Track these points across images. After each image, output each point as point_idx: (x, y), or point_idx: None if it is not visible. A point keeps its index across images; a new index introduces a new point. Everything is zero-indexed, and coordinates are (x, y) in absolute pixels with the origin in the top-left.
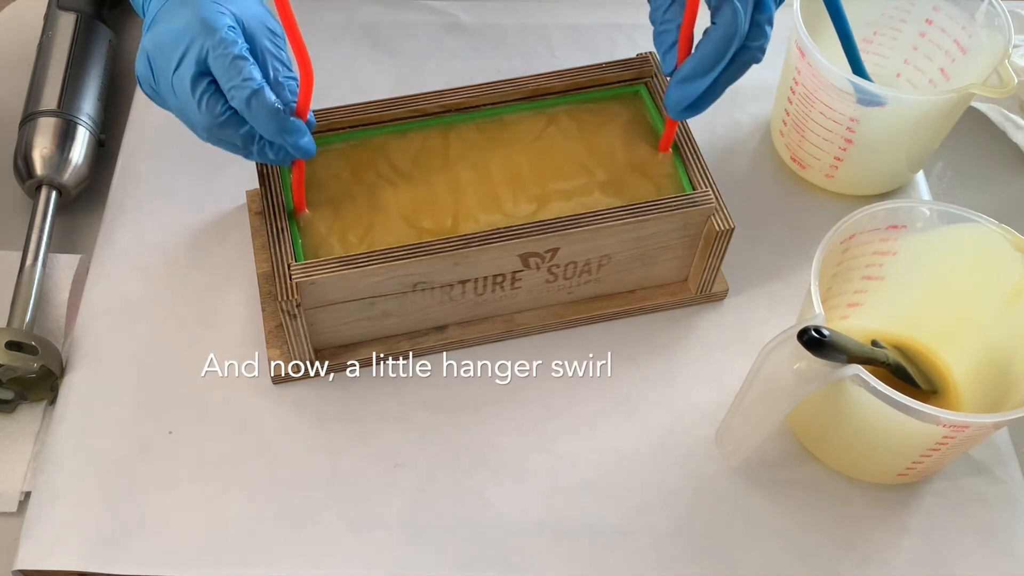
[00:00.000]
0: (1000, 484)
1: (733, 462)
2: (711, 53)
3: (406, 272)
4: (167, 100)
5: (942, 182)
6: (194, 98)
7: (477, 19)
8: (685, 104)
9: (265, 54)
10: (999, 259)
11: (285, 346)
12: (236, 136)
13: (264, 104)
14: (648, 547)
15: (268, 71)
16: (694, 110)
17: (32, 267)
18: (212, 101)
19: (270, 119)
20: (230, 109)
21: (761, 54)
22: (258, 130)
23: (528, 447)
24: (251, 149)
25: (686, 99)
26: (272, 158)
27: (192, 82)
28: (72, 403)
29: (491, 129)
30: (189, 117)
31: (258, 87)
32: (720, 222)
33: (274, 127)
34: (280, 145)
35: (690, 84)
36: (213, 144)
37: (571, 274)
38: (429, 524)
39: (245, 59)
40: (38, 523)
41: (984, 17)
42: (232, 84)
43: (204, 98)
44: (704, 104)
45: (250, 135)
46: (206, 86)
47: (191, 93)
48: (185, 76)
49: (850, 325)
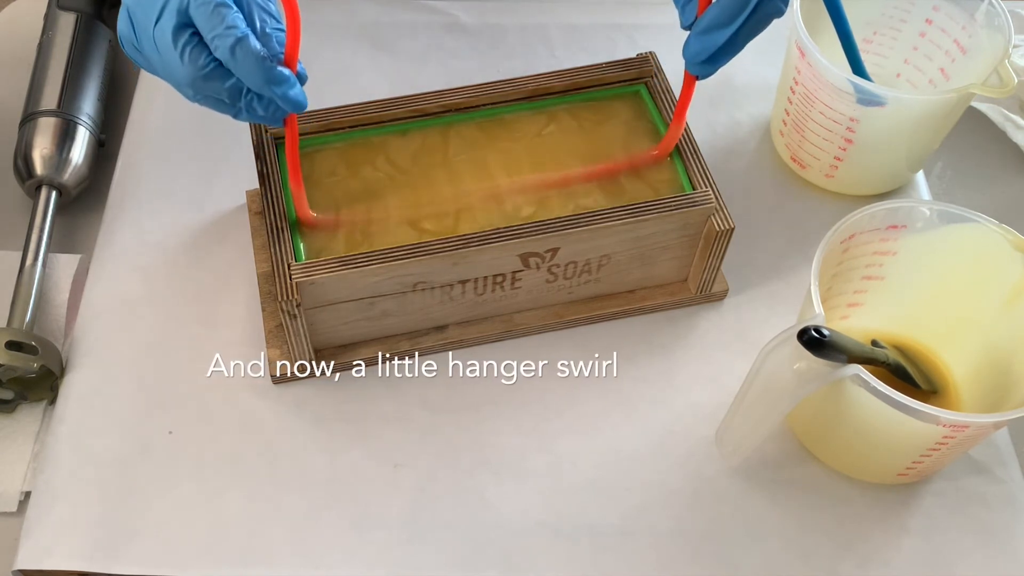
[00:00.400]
0: (1000, 484)
1: (733, 462)
2: (733, 2)
3: (406, 272)
4: (150, 57)
5: (942, 182)
6: (176, 50)
7: (477, 19)
8: (705, 56)
9: (251, 4)
10: (999, 259)
11: (285, 346)
12: (222, 90)
13: (249, 52)
14: (648, 547)
15: (254, 22)
16: (713, 63)
17: (32, 267)
18: (195, 52)
19: (256, 68)
20: (214, 60)
21: (784, 5)
22: (244, 82)
23: (528, 447)
24: (239, 105)
25: (706, 51)
26: (262, 114)
27: (174, 34)
28: (72, 403)
29: (491, 129)
30: (173, 73)
31: (242, 35)
32: (720, 222)
33: (261, 77)
34: (269, 99)
35: (711, 35)
36: (200, 103)
37: (571, 274)
38: (429, 524)
39: (227, 6)
40: (38, 523)
41: (984, 17)
42: (215, 33)
43: (187, 50)
44: (724, 57)
45: (237, 88)
46: (188, 37)
47: (173, 45)
48: (166, 28)
49: (850, 325)
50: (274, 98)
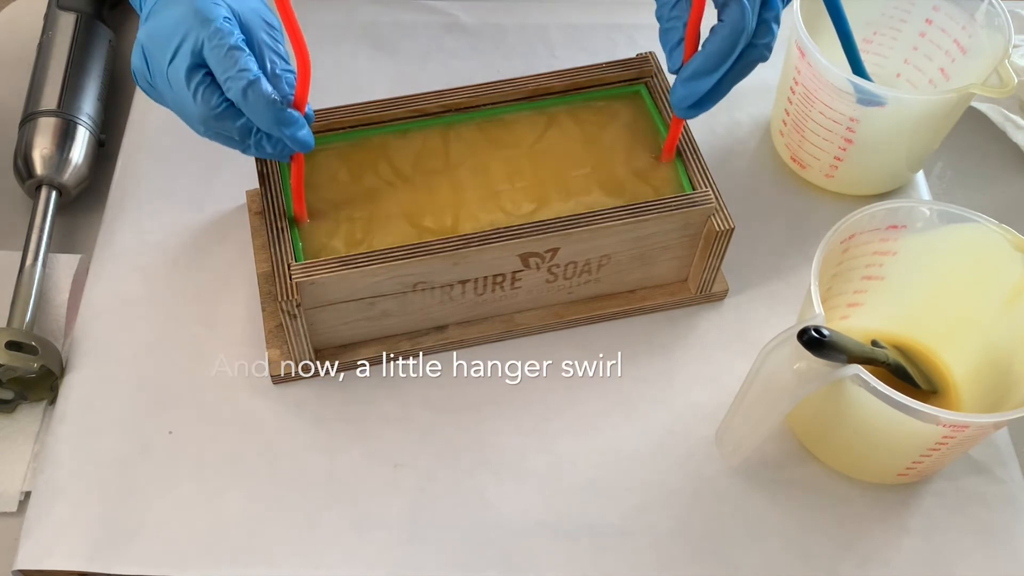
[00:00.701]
0: (1000, 484)
1: (733, 462)
2: (718, 51)
3: (406, 272)
4: (163, 94)
5: (942, 182)
6: (189, 90)
7: (477, 19)
8: (691, 102)
9: (262, 46)
10: (999, 259)
11: (285, 346)
12: (233, 129)
13: (260, 95)
14: (648, 547)
15: (265, 64)
16: (700, 108)
17: (32, 267)
18: (208, 93)
19: (267, 110)
20: (226, 101)
21: (768, 52)
22: (255, 122)
23: (528, 447)
24: (248, 142)
25: (692, 96)
26: (270, 152)
27: (187, 74)
28: (72, 403)
29: (491, 129)
30: (185, 110)
31: (254, 78)
32: (720, 222)
33: (271, 119)
34: (278, 138)
35: (696, 81)
36: (210, 138)
37: (571, 274)
38: (429, 524)
39: (241, 50)
40: (38, 523)
41: (984, 17)
42: (228, 75)
43: (200, 90)
44: (710, 102)
45: (247, 128)
46: (201, 78)
47: (186, 85)
48: (180, 68)
49: (850, 325)
50: (283, 138)
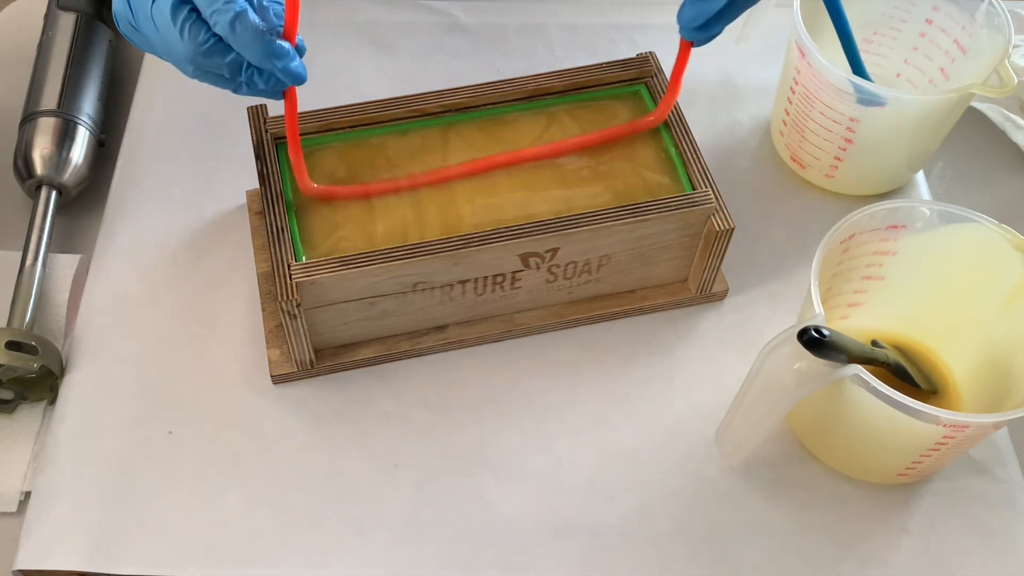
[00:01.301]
0: (1000, 484)
1: (733, 462)
2: None
3: (406, 272)
4: (148, 36)
5: (942, 182)
6: (175, 28)
7: (477, 19)
8: (700, 21)
9: None
10: (999, 259)
11: (285, 346)
12: (222, 65)
13: (248, 26)
14: (648, 547)
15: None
16: (706, 30)
17: (32, 267)
18: (195, 29)
19: (256, 42)
20: (214, 36)
21: None
22: (244, 56)
23: (528, 447)
24: (239, 79)
25: (702, 16)
26: (263, 88)
27: (172, 11)
28: (72, 403)
29: (491, 129)
30: (172, 50)
31: (241, 9)
32: (720, 222)
33: (261, 51)
34: (269, 72)
35: (708, 1)
36: (200, 79)
37: (571, 274)
38: (429, 524)
39: None
40: (38, 523)
41: (984, 17)
42: (214, 8)
43: (186, 27)
44: (717, 25)
45: (237, 63)
46: (187, 14)
47: (172, 23)
48: (164, 6)
49: (850, 325)
50: (274, 71)
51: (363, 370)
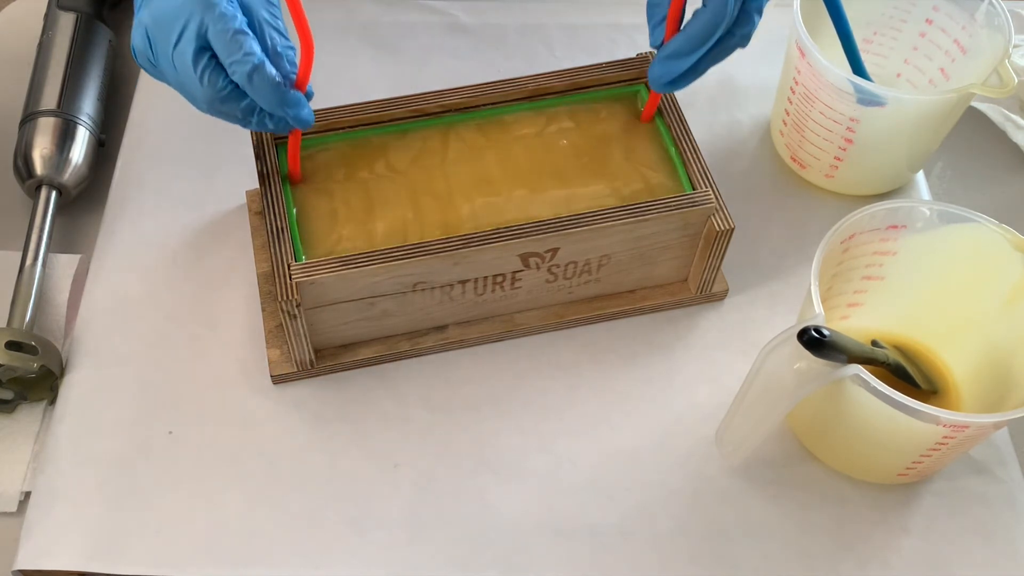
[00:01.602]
0: (1000, 484)
1: (733, 462)
2: (696, 35)
3: (406, 272)
4: (166, 74)
5: (942, 182)
6: (196, 74)
7: (477, 19)
8: (668, 79)
9: (263, 24)
10: (999, 259)
11: (285, 346)
12: (237, 109)
13: (265, 79)
14: (648, 547)
15: (266, 42)
16: (676, 85)
17: (32, 267)
18: (214, 76)
19: (271, 93)
20: (231, 83)
21: (746, 40)
22: (259, 103)
23: (528, 447)
24: (251, 120)
25: (669, 75)
26: (271, 127)
27: (193, 57)
28: (72, 403)
29: (491, 129)
30: (190, 91)
31: (259, 62)
32: (720, 222)
33: (275, 100)
34: (280, 116)
35: (674, 61)
36: (213, 116)
37: (571, 274)
38: (429, 524)
39: (245, 33)
40: (38, 523)
41: (984, 17)
42: (233, 59)
43: (206, 73)
44: (686, 81)
45: (251, 107)
46: (207, 61)
47: (192, 69)
48: (186, 52)
49: (850, 325)
50: (286, 118)
51: (363, 370)
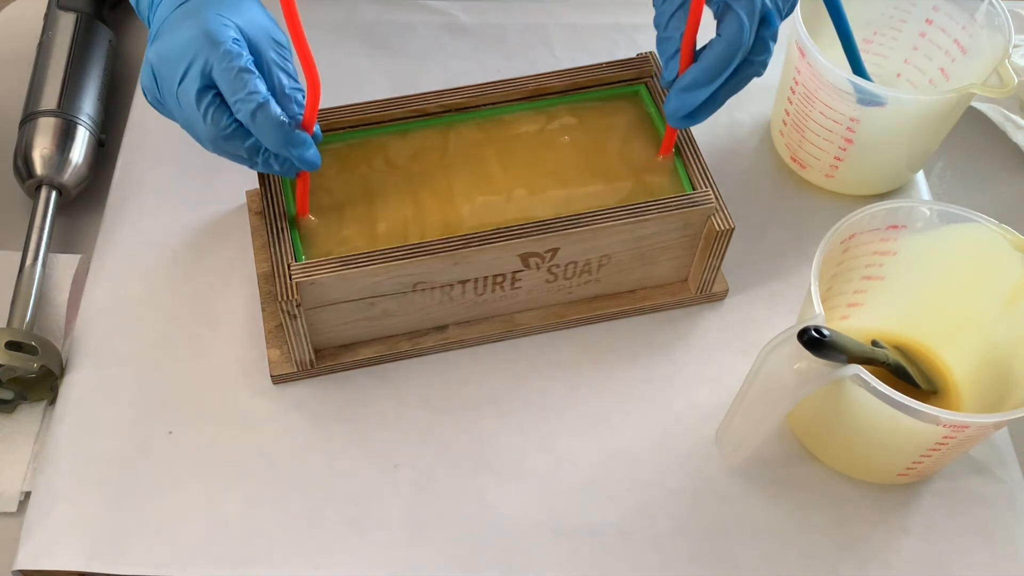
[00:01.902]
0: (1000, 484)
1: (733, 462)
2: (713, 65)
3: (406, 272)
4: (172, 112)
5: (942, 182)
6: (199, 111)
7: (477, 19)
8: (684, 113)
9: (270, 65)
10: (999, 259)
11: (285, 346)
12: (241, 148)
13: (269, 117)
14: (648, 547)
15: (273, 83)
16: (693, 119)
17: (32, 267)
18: (217, 114)
19: (275, 132)
20: (236, 122)
21: (763, 68)
22: (263, 143)
23: (528, 447)
24: (256, 160)
25: (686, 108)
26: (277, 169)
27: (197, 96)
28: (72, 403)
29: (491, 129)
30: (194, 129)
31: (263, 100)
32: (720, 222)
33: (280, 140)
34: (285, 157)
35: (691, 93)
36: (218, 155)
37: (571, 274)
38: (429, 524)
39: (250, 72)
40: (38, 523)
41: (984, 17)
42: (237, 97)
43: (209, 111)
44: (704, 114)
45: (255, 147)
46: (211, 99)
47: (196, 106)
48: (190, 89)
49: (850, 325)
50: (291, 159)
51: (363, 370)
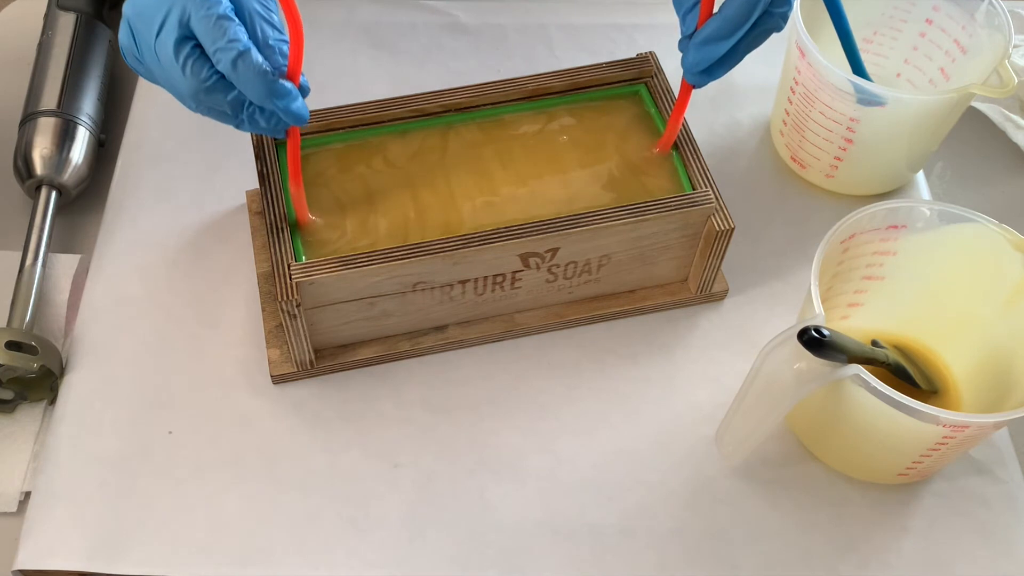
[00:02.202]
0: (1000, 484)
1: (733, 462)
2: (735, 15)
3: (406, 272)
4: (152, 69)
5: (942, 182)
6: (178, 63)
7: (477, 19)
8: (703, 67)
9: (253, 16)
10: (999, 259)
11: (285, 346)
12: (224, 103)
13: (251, 66)
14: (648, 547)
15: (256, 34)
16: (711, 74)
17: (32, 267)
18: (197, 66)
19: (258, 82)
20: (216, 73)
21: (784, 21)
22: (246, 95)
23: (528, 447)
24: (241, 116)
25: (705, 61)
26: (264, 126)
27: (175, 46)
28: (72, 403)
29: (491, 129)
30: (175, 85)
31: (244, 49)
32: (720, 222)
33: (263, 91)
34: (271, 111)
35: (710, 47)
36: (203, 114)
37: (571, 274)
38: (429, 524)
39: (230, 19)
40: (38, 523)
41: (984, 17)
42: (217, 46)
43: (188, 63)
44: (722, 69)
45: (239, 101)
46: (190, 50)
47: (175, 58)
48: (167, 41)
49: (850, 325)
50: (276, 111)
51: (363, 370)
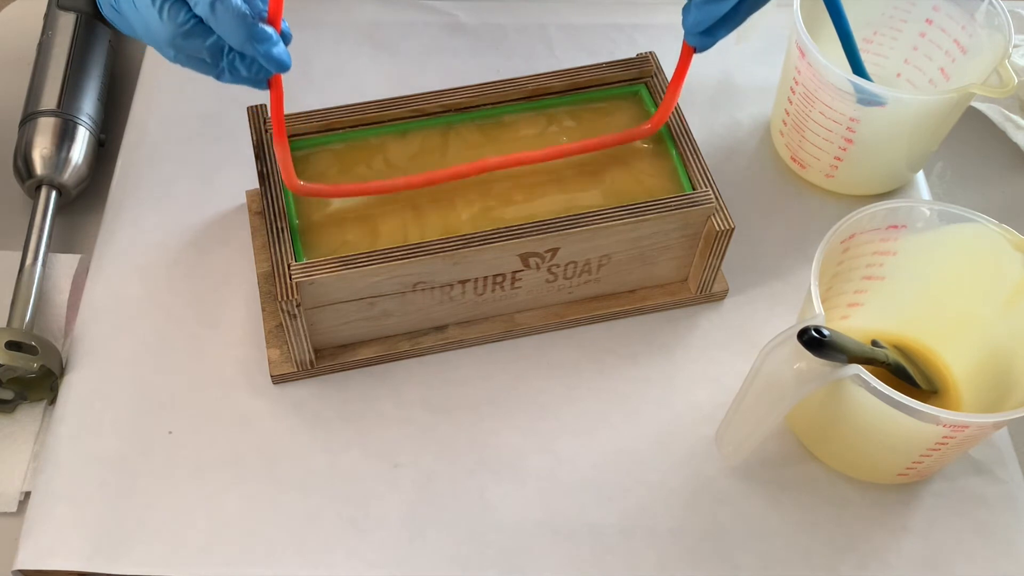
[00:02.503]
0: (1000, 484)
1: (733, 462)
2: None
3: (406, 272)
4: (128, 17)
5: (942, 182)
6: (155, 7)
7: (477, 19)
8: (704, 26)
9: None
10: (999, 259)
11: (285, 346)
12: (203, 49)
13: (230, 8)
14: (648, 547)
15: None
16: (711, 36)
17: (32, 267)
18: (174, 9)
19: (237, 25)
20: (194, 17)
21: None
22: (225, 39)
23: (528, 447)
24: (221, 65)
25: (706, 21)
26: (245, 75)
27: None
28: (72, 403)
29: (491, 129)
30: (152, 32)
31: None
32: (720, 222)
33: (242, 35)
34: (252, 58)
35: (712, 5)
36: (182, 63)
37: (571, 274)
38: (429, 524)
39: None
40: (38, 523)
41: (984, 17)
42: None
43: (165, 7)
44: (722, 30)
45: (218, 47)
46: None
47: (152, 3)
48: None
49: (850, 325)
50: (257, 57)
51: (363, 370)
